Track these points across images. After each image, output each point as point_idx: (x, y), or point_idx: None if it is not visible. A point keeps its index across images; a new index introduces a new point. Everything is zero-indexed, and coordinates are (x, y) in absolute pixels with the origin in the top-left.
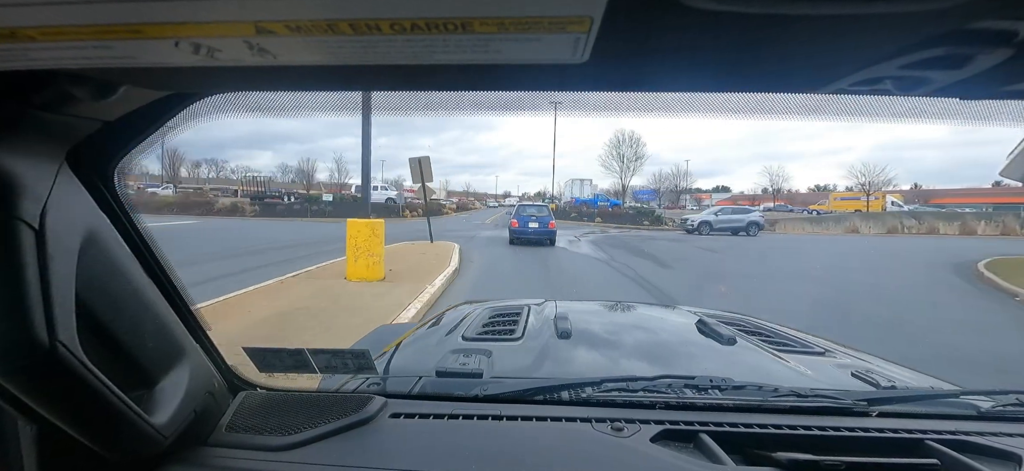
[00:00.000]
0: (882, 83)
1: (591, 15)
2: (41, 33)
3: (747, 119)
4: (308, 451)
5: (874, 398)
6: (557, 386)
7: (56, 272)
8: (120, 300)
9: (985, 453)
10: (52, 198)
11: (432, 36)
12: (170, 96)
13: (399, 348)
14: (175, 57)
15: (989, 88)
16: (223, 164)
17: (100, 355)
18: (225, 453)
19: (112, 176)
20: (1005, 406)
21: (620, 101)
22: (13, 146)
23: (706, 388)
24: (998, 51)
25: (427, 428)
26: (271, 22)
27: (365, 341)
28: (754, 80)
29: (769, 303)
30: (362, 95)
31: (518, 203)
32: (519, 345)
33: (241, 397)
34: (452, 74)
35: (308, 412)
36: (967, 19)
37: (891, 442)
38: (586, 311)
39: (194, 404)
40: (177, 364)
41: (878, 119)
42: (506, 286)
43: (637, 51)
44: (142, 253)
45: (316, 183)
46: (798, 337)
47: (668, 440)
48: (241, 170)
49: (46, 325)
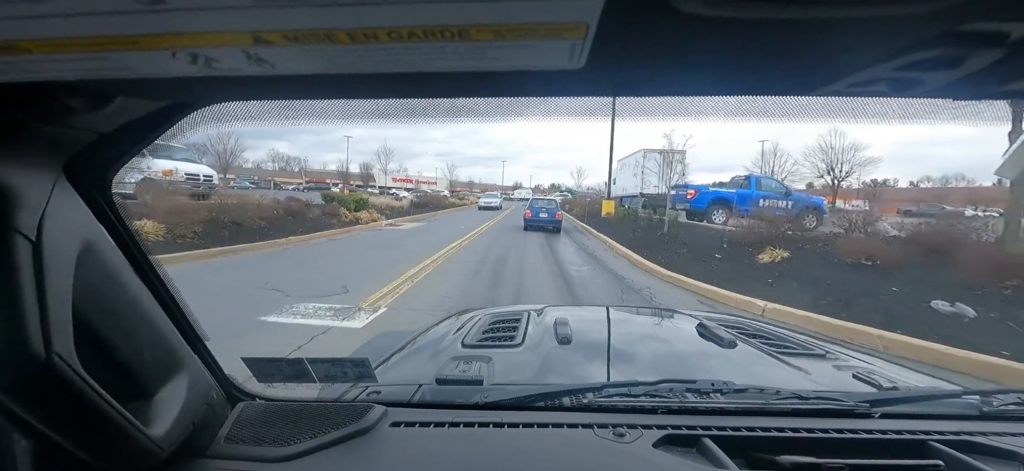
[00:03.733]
0: (877, 85)
1: (586, 22)
2: (37, 45)
3: (743, 121)
4: (308, 461)
5: (876, 399)
6: (558, 392)
7: (53, 284)
8: (117, 311)
9: (989, 453)
10: (49, 209)
11: (430, 44)
12: (168, 106)
13: (399, 356)
14: (172, 67)
15: (982, 89)
16: (242, 157)
17: (97, 367)
18: (224, 465)
19: (110, 187)
20: (1008, 405)
21: (617, 105)
22: (10, 158)
23: (708, 392)
24: (990, 52)
25: (427, 436)
26: (269, 32)
27: (365, 349)
28: (749, 83)
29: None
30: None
31: (532, 197)
32: (519, 352)
33: (240, 408)
34: (450, 81)
35: (308, 422)
36: (959, 21)
37: (894, 443)
38: (586, 317)
39: (192, 416)
40: (175, 375)
41: (873, 121)
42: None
43: (633, 56)
44: (139, 264)
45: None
46: (798, 339)
47: (671, 445)
48: (260, 162)
49: (43, 337)
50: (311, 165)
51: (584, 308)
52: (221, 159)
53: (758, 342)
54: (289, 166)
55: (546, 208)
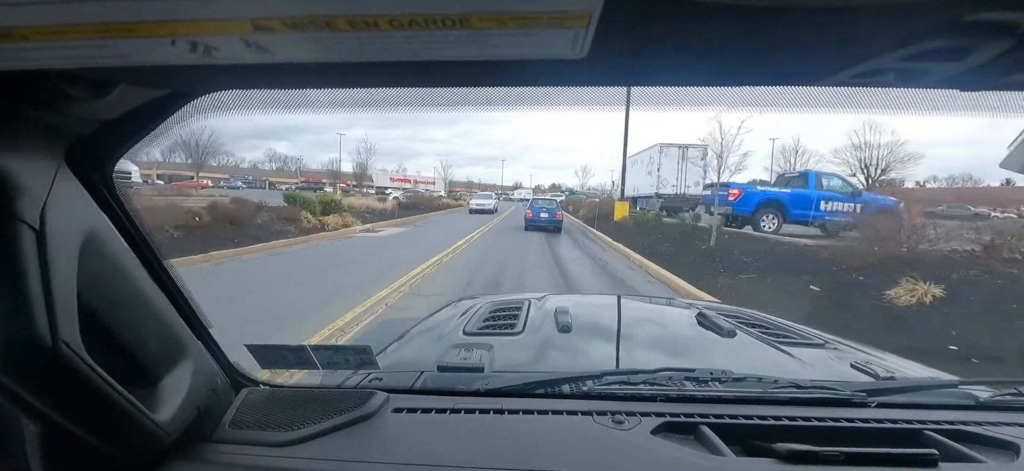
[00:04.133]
0: (883, 75)
1: (590, 10)
2: (37, 32)
3: (748, 112)
4: (310, 446)
5: (873, 389)
6: (558, 380)
7: (57, 272)
8: (121, 298)
9: (983, 442)
10: (51, 198)
11: (431, 32)
12: (168, 94)
13: (400, 343)
14: (172, 55)
15: (989, 80)
16: (238, 156)
17: (103, 354)
18: (228, 449)
19: (111, 175)
20: (1003, 396)
21: (620, 96)
22: (11, 147)
23: (706, 380)
24: (998, 42)
25: (429, 423)
26: (268, 19)
27: (367, 337)
28: (754, 74)
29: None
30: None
31: (532, 197)
32: (520, 339)
33: (244, 394)
34: (451, 70)
35: (310, 408)
36: (967, 10)
37: (890, 432)
38: (586, 305)
39: (197, 401)
40: (180, 361)
41: (880, 112)
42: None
43: (636, 45)
44: (142, 251)
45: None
46: (797, 329)
47: (669, 432)
48: (257, 161)
49: (49, 325)
50: (309, 165)
51: (585, 296)
52: (193, 155)
53: (758, 331)
54: (286, 166)
55: (547, 208)
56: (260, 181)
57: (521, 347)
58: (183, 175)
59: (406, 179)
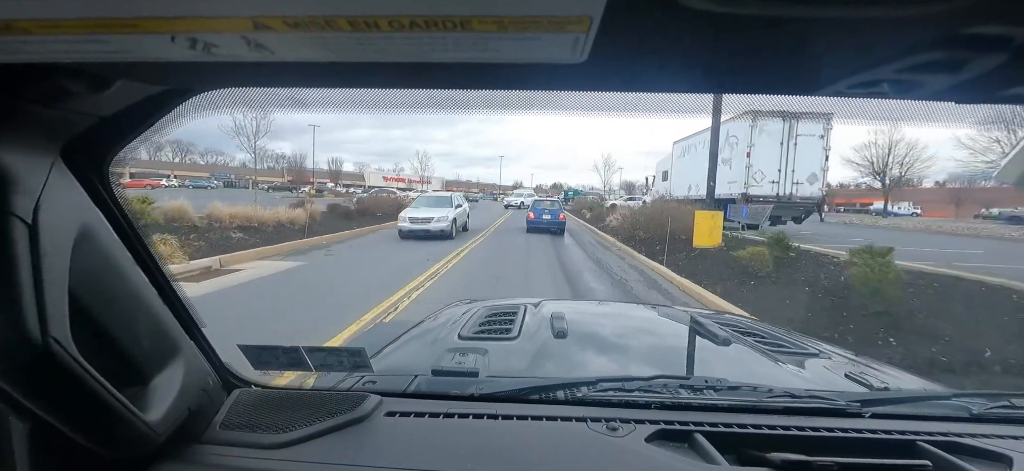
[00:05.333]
0: (879, 86)
1: (590, 15)
2: (36, 26)
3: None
4: (302, 449)
5: (867, 399)
6: (553, 386)
7: (49, 268)
8: (114, 296)
9: (976, 454)
10: (45, 193)
11: (431, 34)
12: (166, 91)
13: (395, 346)
14: (171, 52)
15: (984, 93)
16: (228, 154)
17: (93, 352)
18: (219, 451)
19: (107, 171)
20: (996, 408)
21: (619, 101)
22: (7, 141)
23: (701, 388)
24: (993, 56)
25: (422, 427)
26: (269, 17)
27: (361, 339)
28: (752, 82)
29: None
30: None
31: (534, 199)
32: (515, 344)
33: (236, 394)
34: (451, 72)
35: (303, 410)
36: (962, 24)
37: (883, 443)
38: (582, 311)
39: (188, 401)
40: (171, 361)
41: (875, 122)
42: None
43: (636, 51)
44: (136, 249)
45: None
46: (791, 338)
47: (663, 440)
48: (247, 161)
49: (39, 321)
50: (306, 164)
51: (580, 302)
52: (177, 153)
53: (753, 340)
54: (278, 164)
55: (549, 210)
56: (243, 180)
57: (516, 352)
58: (149, 172)
59: (400, 178)
